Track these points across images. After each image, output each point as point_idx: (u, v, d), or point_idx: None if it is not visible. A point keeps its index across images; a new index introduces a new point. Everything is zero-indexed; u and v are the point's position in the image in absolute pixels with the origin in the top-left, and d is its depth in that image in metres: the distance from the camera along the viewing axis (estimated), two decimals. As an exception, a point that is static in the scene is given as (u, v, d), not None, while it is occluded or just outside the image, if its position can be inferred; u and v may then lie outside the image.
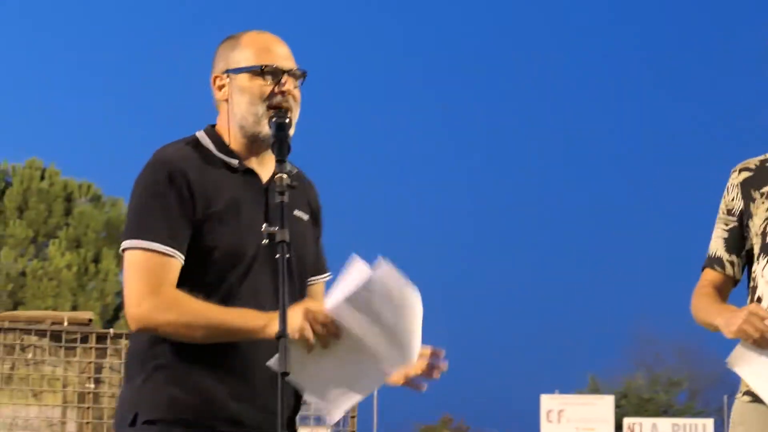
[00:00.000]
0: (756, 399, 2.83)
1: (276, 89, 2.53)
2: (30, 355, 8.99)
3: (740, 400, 2.93)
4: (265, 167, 2.59)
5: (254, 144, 2.56)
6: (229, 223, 2.51)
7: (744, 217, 2.90)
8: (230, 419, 2.49)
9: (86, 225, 30.61)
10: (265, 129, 2.51)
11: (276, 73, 2.54)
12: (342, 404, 2.50)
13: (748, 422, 2.88)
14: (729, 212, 2.94)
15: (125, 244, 2.52)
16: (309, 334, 2.36)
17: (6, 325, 8.61)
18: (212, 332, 2.44)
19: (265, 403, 2.48)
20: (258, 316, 2.40)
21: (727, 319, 2.80)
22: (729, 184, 2.96)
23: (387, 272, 2.38)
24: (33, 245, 31.90)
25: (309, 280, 2.69)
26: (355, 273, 2.40)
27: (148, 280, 2.46)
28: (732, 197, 2.93)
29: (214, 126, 2.63)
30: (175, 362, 2.49)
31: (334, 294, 2.43)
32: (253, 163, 2.59)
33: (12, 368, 7.87)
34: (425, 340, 2.53)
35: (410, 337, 2.45)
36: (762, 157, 2.94)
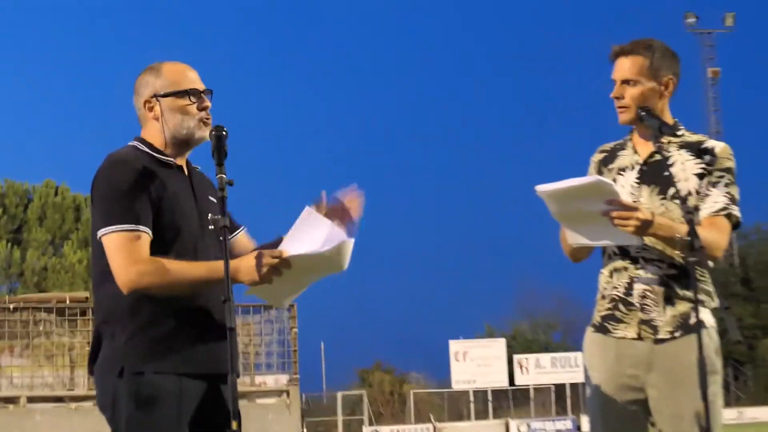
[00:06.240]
0: (595, 329, 3.48)
1: (200, 105, 3.09)
2: (41, 328, 9.70)
3: (587, 332, 3.53)
4: (183, 163, 3.16)
5: (183, 148, 3.11)
6: (179, 204, 3.02)
7: None
8: (195, 364, 2.97)
9: (89, 227, 31.91)
10: (196, 134, 3.07)
11: (196, 93, 3.09)
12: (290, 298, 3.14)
13: (589, 349, 3.51)
14: None
15: (103, 231, 2.91)
16: (265, 271, 2.87)
17: (21, 305, 9.11)
18: (190, 284, 2.89)
19: (219, 352, 2.93)
20: (221, 267, 2.76)
21: None
22: (591, 160, 3.62)
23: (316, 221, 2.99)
24: (51, 246, 35.90)
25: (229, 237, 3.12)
26: (309, 222, 2.97)
27: (130, 253, 2.86)
28: (591, 171, 3.59)
29: (140, 137, 3.13)
30: (152, 323, 2.93)
31: (290, 237, 2.96)
32: (178, 161, 3.14)
33: (28, 338, 8.38)
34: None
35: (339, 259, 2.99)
36: (616, 143, 3.61)
